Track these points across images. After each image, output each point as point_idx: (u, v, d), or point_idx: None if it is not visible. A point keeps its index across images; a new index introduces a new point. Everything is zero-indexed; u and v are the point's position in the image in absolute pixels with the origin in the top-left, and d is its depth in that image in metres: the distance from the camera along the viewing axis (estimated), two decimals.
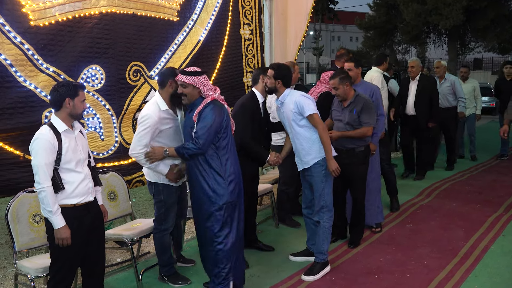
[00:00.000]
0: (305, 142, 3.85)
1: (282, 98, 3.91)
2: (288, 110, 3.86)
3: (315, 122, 3.80)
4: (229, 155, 3.40)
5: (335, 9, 38.01)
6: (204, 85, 3.34)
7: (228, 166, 3.36)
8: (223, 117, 3.34)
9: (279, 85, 3.87)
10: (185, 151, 3.28)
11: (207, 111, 3.27)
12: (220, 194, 3.30)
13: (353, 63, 4.73)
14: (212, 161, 3.32)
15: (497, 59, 30.23)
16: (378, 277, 3.85)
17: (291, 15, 6.45)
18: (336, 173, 3.80)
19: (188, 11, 5.33)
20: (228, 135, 3.39)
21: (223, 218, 3.32)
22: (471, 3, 15.28)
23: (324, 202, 3.88)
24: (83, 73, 4.34)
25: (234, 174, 3.40)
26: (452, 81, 7.53)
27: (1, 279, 3.99)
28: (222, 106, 3.40)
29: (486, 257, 4.19)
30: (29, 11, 3.94)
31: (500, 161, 8.40)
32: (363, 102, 4.25)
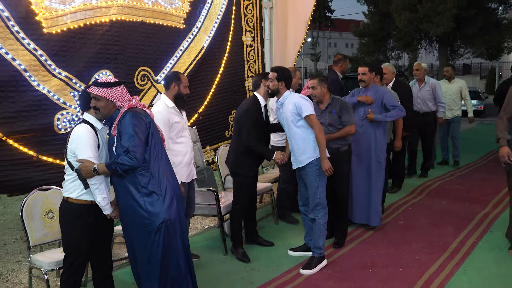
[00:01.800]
0: (301, 142, 3.83)
1: (282, 99, 3.90)
2: (287, 111, 3.85)
3: (312, 123, 3.78)
4: (161, 166, 2.89)
5: (331, 17, 38.03)
6: (119, 98, 2.87)
7: (161, 178, 2.86)
8: (146, 124, 2.85)
9: (282, 86, 3.87)
10: (119, 167, 2.72)
11: (126, 121, 2.79)
12: (156, 212, 2.80)
13: (367, 67, 4.68)
14: (141, 176, 2.80)
15: (485, 64, 30.28)
16: (372, 271, 3.85)
17: (291, 23, 6.46)
18: (329, 173, 3.79)
19: (193, 19, 5.34)
20: (156, 143, 2.90)
21: (162, 239, 2.82)
22: (460, 12, 15.27)
23: (318, 200, 3.86)
24: (93, 78, 4.34)
25: (170, 186, 2.89)
26: (432, 84, 6.85)
27: (16, 272, 4.00)
28: (142, 112, 2.90)
29: (475, 252, 4.18)
30: (42, 19, 3.95)
31: (488, 161, 8.38)
32: (340, 103, 4.25)
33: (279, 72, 3.88)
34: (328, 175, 3.82)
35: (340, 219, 4.45)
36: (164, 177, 2.87)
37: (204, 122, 5.56)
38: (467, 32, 16.40)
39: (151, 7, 4.81)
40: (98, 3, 4.30)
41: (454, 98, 7.52)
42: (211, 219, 5.25)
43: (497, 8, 17.55)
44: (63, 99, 4.13)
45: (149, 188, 2.81)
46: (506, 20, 17.42)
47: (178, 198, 2.96)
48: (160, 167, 2.88)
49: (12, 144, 3.77)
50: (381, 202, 4.80)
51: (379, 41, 19.94)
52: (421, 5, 15.70)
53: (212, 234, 4.85)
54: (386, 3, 17.43)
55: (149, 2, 4.79)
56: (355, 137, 4.62)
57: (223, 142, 5.68)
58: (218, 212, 4.25)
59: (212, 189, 4.26)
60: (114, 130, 2.84)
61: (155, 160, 2.87)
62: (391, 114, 4.66)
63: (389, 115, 4.64)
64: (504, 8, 17.96)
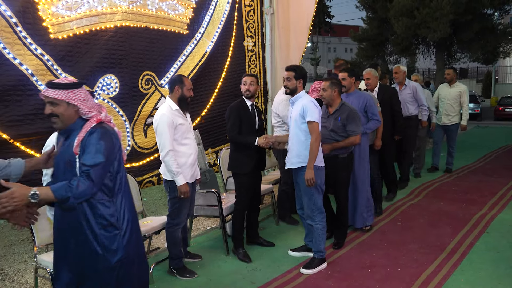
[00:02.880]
0: (299, 145, 3.79)
1: (295, 98, 3.87)
2: (295, 110, 3.82)
3: (312, 129, 3.72)
4: (124, 197, 2.43)
5: (331, 23, 38.07)
6: (83, 101, 2.33)
7: (123, 211, 2.40)
8: (115, 147, 2.35)
9: (300, 84, 3.83)
10: (71, 192, 2.15)
11: (93, 139, 2.26)
12: (113, 249, 2.34)
13: (347, 72, 4.68)
14: (101, 205, 2.31)
15: (481, 68, 30.25)
16: (371, 271, 3.83)
17: (293, 29, 6.46)
18: (310, 183, 3.69)
19: (196, 24, 5.35)
20: (121, 170, 2.41)
21: (116, 279, 2.36)
22: (457, 17, 15.28)
23: (314, 206, 3.81)
24: (99, 82, 4.35)
25: (130, 221, 2.44)
26: (412, 87, 6.41)
27: (23, 272, 4.00)
28: (113, 131, 2.39)
29: (472, 252, 4.17)
30: (49, 25, 3.95)
31: (485, 163, 8.37)
32: (348, 111, 4.16)
33: (296, 71, 3.83)
34: (308, 186, 3.71)
35: (340, 222, 4.42)
36: (126, 209, 2.42)
37: (207, 125, 5.56)
38: (464, 37, 16.41)
39: (155, 13, 4.81)
40: (103, 9, 4.31)
41: (453, 104, 7.07)
42: (213, 220, 5.24)
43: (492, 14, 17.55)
44: None
45: (109, 220, 2.33)
46: (502, 25, 17.42)
47: (137, 231, 2.54)
48: (123, 198, 2.43)
49: (19, 146, 3.77)
50: (369, 205, 4.71)
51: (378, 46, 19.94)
52: (419, 11, 15.70)
53: (214, 235, 4.85)
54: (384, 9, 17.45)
55: (153, 9, 4.80)
56: None
57: (224, 145, 5.67)
58: (220, 213, 4.24)
59: (214, 190, 4.26)
60: (77, 148, 2.26)
61: (119, 190, 2.40)
62: (369, 126, 4.72)
63: (367, 127, 4.69)
64: (500, 14, 17.95)
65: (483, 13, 16.80)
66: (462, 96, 7.05)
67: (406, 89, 6.41)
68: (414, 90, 6.42)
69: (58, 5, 4.00)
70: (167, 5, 4.95)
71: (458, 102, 7.06)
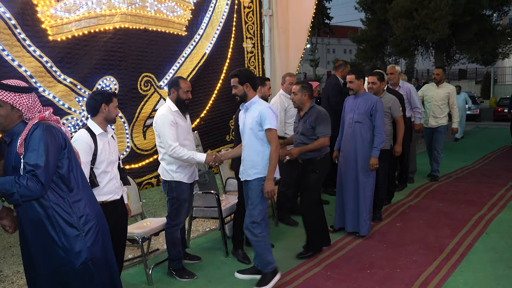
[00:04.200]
0: (255, 155, 3.48)
1: (249, 104, 3.53)
2: (250, 117, 3.48)
3: (271, 138, 3.42)
4: (84, 195, 2.33)
5: (330, 24, 38.11)
6: (30, 108, 2.24)
7: (82, 210, 2.29)
8: (61, 143, 2.24)
9: (248, 88, 3.50)
10: (17, 189, 2.06)
11: (36, 135, 2.16)
12: (75, 251, 2.24)
13: (354, 75, 4.57)
14: (58, 207, 2.22)
15: (480, 69, 30.29)
16: (370, 272, 3.83)
17: (292, 30, 6.48)
18: (270, 196, 3.43)
19: (195, 26, 5.35)
20: (74, 167, 2.32)
21: (81, 283, 2.28)
22: (456, 18, 15.30)
23: (256, 218, 3.48)
24: (98, 84, 4.35)
25: (92, 218, 2.33)
26: (407, 89, 6.26)
27: (22, 274, 3.98)
28: (58, 128, 2.29)
29: (471, 253, 4.17)
30: (48, 26, 3.96)
31: (484, 164, 8.37)
32: (316, 113, 4.07)
33: (239, 76, 3.50)
34: (268, 198, 3.47)
35: (308, 229, 4.22)
36: (86, 208, 2.31)
37: (206, 127, 5.56)
38: (463, 38, 16.44)
39: (154, 15, 4.82)
40: (102, 11, 4.31)
41: (440, 105, 6.75)
42: (212, 221, 5.24)
43: (491, 15, 17.58)
44: (68, 104, 4.13)
45: (67, 220, 2.23)
46: (500, 26, 17.45)
47: (104, 231, 2.42)
48: (82, 198, 2.32)
49: None
50: (370, 211, 4.62)
51: (377, 47, 19.97)
52: (418, 12, 15.73)
53: (214, 236, 4.84)
54: (383, 10, 17.47)
55: (152, 10, 4.80)
56: (343, 147, 4.60)
57: (224, 146, 5.67)
58: (219, 214, 4.24)
59: (213, 192, 4.26)
60: (21, 147, 2.16)
61: (74, 188, 2.29)
62: (377, 143, 4.45)
63: (376, 144, 4.45)
64: (498, 15, 17.99)
65: (482, 14, 16.84)
66: (451, 97, 6.75)
67: (400, 90, 6.20)
68: (408, 91, 6.26)
69: (57, 7, 4.00)
70: (166, 7, 4.96)
71: (446, 104, 6.76)
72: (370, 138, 4.50)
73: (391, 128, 5.15)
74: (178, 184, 3.67)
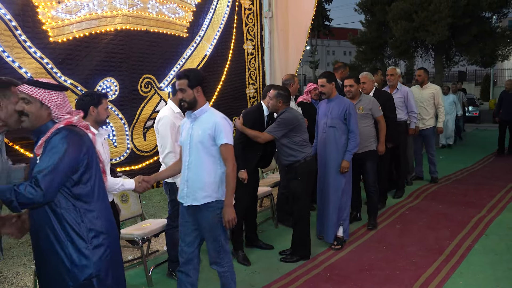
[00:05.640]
0: (204, 174, 2.89)
1: (199, 112, 2.95)
2: (201, 128, 2.91)
3: (227, 156, 2.88)
4: (97, 207, 2.21)
5: (330, 26, 38.14)
6: (59, 106, 2.19)
7: (93, 222, 2.18)
8: (81, 151, 2.15)
9: (199, 93, 2.95)
10: (16, 196, 1.99)
11: (56, 140, 2.09)
12: (81, 264, 2.13)
13: (326, 78, 4.40)
14: (68, 215, 2.13)
15: (480, 71, 30.31)
16: (370, 274, 3.83)
17: (291, 32, 6.49)
18: (231, 225, 2.89)
19: (196, 27, 5.35)
20: (93, 177, 2.21)
21: None
22: (455, 20, 15.30)
23: (222, 247, 2.99)
24: (98, 85, 4.34)
25: (104, 233, 2.21)
26: (404, 92, 6.15)
27: (21, 275, 3.98)
28: (83, 135, 2.21)
29: (470, 255, 4.17)
30: (49, 28, 3.95)
31: (484, 166, 8.37)
32: (281, 116, 4.06)
33: (189, 77, 2.92)
34: (229, 228, 2.94)
35: (297, 238, 4.14)
36: (97, 220, 2.19)
37: None
38: (462, 40, 16.42)
39: (155, 16, 4.82)
40: (103, 13, 4.31)
41: (426, 106, 6.66)
42: None
43: (491, 17, 17.58)
44: None
45: (76, 230, 2.13)
46: (500, 28, 17.44)
47: (114, 248, 2.29)
48: (96, 210, 2.20)
49: (19, 149, 3.77)
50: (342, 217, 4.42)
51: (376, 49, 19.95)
52: (417, 15, 15.73)
53: None
54: (383, 12, 17.46)
55: (153, 12, 4.80)
56: (319, 152, 4.49)
57: None
58: None
59: None
60: (39, 148, 2.10)
61: (89, 198, 2.18)
62: (351, 147, 4.33)
63: (350, 148, 4.33)
64: (498, 17, 17.99)
65: (481, 16, 16.84)
66: (436, 98, 6.70)
67: (398, 93, 6.13)
68: (406, 95, 6.16)
69: (58, 9, 4.00)
70: (168, 8, 4.96)
71: (431, 104, 6.71)
72: (344, 142, 4.36)
73: (375, 129, 4.99)
74: (177, 185, 3.67)
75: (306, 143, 4.12)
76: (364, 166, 4.91)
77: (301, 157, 4.05)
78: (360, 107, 4.83)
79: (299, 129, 4.07)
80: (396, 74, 6.21)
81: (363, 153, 4.81)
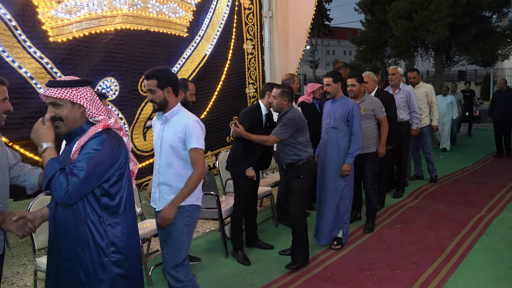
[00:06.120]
0: (175, 179, 2.79)
1: (170, 114, 2.83)
2: (171, 131, 2.80)
3: (196, 160, 2.76)
4: (122, 219, 2.06)
5: (330, 25, 38.12)
6: (90, 101, 2.02)
7: (116, 235, 2.02)
8: (118, 157, 2.02)
9: (170, 94, 2.79)
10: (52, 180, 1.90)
11: (94, 144, 1.95)
12: (97, 278, 1.99)
13: (332, 78, 4.35)
14: (91, 224, 1.99)
15: (480, 71, 30.31)
16: (370, 273, 3.83)
17: (291, 31, 6.49)
18: (164, 224, 2.76)
19: (196, 27, 5.36)
20: (124, 187, 2.07)
21: None
22: (455, 20, 15.29)
23: (180, 259, 2.79)
24: (98, 85, 4.35)
25: (126, 249, 2.06)
26: (407, 92, 6.10)
27: (21, 275, 3.99)
28: (119, 140, 2.08)
29: (470, 254, 4.17)
30: (48, 28, 3.95)
31: (484, 165, 8.37)
32: (284, 115, 3.95)
33: (159, 77, 2.77)
34: (162, 228, 2.86)
35: (297, 238, 3.97)
36: (122, 235, 2.05)
37: (206, 128, 5.47)
38: (462, 39, 16.42)
39: (156, 16, 4.82)
40: (103, 12, 4.31)
41: (420, 105, 6.63)
42: (212, 222, 5.24)
43: (491, 17, 17.57)
44: None
45: (97, 242, 2.00)
46: (500, 28, 17.44)
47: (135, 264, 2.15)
48: (119, 220, 2.05)
49: (19, 149, 3.76)
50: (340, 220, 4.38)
51: (376, 48, 19.94)
52: (417, 14, 15.72)
53: (213, 237, 4.84)
54: (382, 12, 17.46)
55: (154, 12, 4.80)
56: (320, 153, 4.45)
57: (224, 148, 5.67)
58: (219, 215, 4.24)
59: (213, 193, 4.26)
60: (75, 154, 1.97)
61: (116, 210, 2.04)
62: (353, 150, 4.27)
63: (352, 151, 4.27)
64: (498, 17, 17.99)
65: (482, 15, 16.84)
66: (429, 96, 6.74)
67: (400, 93, 6.08)
68: (408, 94, 6.12)
69: (58, 8, 4.00)
70: (168, 8, 4.96)
71: (426, 103, 6.75)
72: (347, 144, 4.31)
73: (378, 130, 4.93)
74: None
75: (309, 143, 4.08)
76: (363, 168, 4.85)
77: (305, 157, 3.96)
78: (362, 107, 4.79)
79: (304, 129, 4.01)
80: (397, 73, 6.17)
81: (364, 155, 4.74)
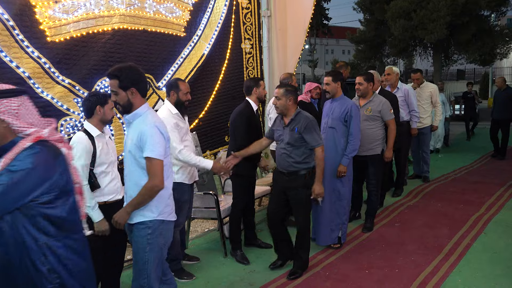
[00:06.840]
0: (137, 190, 2.51)
1: (132, 117, 2.54)
2: (130, 136, 2.54)
3: (152, 170, 2.44)
4: (68, 243, 1.86)
5: (328, 25, 38.13)
6: (15, 114, 1.77)
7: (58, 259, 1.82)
8: (51, 174, 1.79)
9: (134, 94, 2.50)
10: None
11: (21, 158, 1.73)
12: None
13: (331, 77, 4.28)
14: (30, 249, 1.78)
15: (479, 70, 30.34)
16: (369, 272, 3.83)
17: (290, 31, 6.50)
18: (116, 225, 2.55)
19: (193, 27, 5.36)
20: (69, 205, 1.87)
21: None
22: (454, 19, 15.32)
23: (146, 280, 2.52)
24: (96, 85, 4.34)
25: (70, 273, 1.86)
26: (405, 91, 6.06)
27: None
28: (57, 154, 1.85)
29: (469, 253, 4.18)
30: (46, 28, 3.95)
31: (481, 164, 8.38)
32: (306, 122, 3.59)
33: (120, 77, 2.48)
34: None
35: (300, 248, 3.83)
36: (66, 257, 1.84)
37: (204, 127, 5.56)
38: (461, 38, 16.46)
39: (153, 15, 4.82)
40: (100, 12, 4.31)
41: (423, 105, 6.65)
42: (211, 222, 5.24)
43: (489, 16, 17.63)
44: (66, 105, 4.13)
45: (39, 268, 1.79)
46: (498, 27, 17.51)
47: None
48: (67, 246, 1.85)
49: None
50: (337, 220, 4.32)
51: (375, 47, 19.99)
52: (416, 13, 15.76)
53: (212, 237, 4.84)
54: (381, 11, 17.49)
55: (151, 11, 4.80)
56: None
57: (222, 147, 5.67)
58: (218, 215, 4.24)
59: (212, 192, 4.26)
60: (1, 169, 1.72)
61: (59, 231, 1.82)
62: (349, 151, 4.18)
63: (348, 152, 4.19)
64: (496, 16, 18.04)
65: (480, 14, 16.88)
66: (434, 96, 6.72)
67: (398, 92, 6.01)
68: (406, 93, 6.08)
69: (55, 8, 4.00)
70: (165, 7, 4.96)
71: (429, 103, 6.75)
72: (344, 144, 4.22)
73: (383, 132, 4.84)
74: (179, 185, 3.67)
75: None
76: (366, 170, 4.80)
77: (312, 164, 3.70)
78: (368, 108, 4.72)
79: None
80: (393, 73, 6.13)
81: (367, 156, 4.69)
